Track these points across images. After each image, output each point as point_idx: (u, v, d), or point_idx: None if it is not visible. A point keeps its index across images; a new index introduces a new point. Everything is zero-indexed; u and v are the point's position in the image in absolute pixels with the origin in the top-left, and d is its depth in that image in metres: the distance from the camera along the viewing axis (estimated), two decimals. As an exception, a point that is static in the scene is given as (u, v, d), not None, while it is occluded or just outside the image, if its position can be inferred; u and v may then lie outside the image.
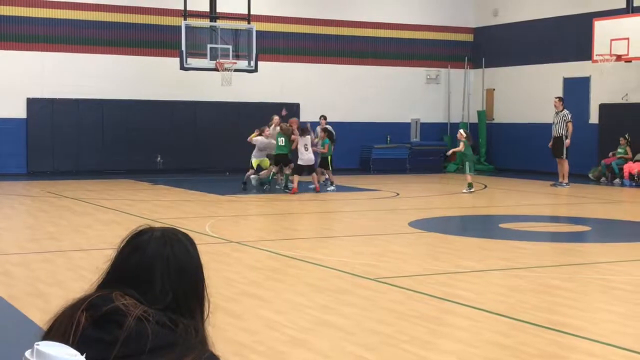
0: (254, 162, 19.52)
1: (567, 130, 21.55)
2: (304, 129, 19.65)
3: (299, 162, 19.29)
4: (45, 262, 10.09)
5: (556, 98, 22.28)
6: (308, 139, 19.50)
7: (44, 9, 23.57)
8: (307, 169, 19.56)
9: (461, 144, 20.13)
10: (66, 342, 1.98)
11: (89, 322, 2.00)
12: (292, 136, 19.22)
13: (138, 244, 2.16)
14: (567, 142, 21.48)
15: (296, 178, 19.30)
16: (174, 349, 2.00)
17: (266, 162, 19.67)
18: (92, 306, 2.03)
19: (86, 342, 1.98)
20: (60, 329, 2.02)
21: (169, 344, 2.00)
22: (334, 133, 20.58)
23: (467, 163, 20.17)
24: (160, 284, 2.10)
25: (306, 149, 19.30)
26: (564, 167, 21.61)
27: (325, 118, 21.35)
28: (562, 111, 21.74)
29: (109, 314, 2.00)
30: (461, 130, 20.66)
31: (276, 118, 20.08)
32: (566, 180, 21.51)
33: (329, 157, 20.03)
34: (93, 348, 1.97)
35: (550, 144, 22.00)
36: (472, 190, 19.76)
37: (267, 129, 19.69)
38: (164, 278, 2.11)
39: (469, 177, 19.93)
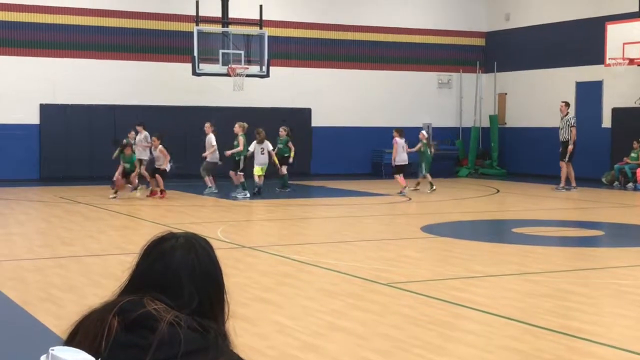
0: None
1: (570, 135, 21.45)
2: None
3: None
4: (58, 268, 10.11)
5: (562, 102, 22.14)
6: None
7: (56, 16, 23.68)
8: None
9: (419, 144, 21.04)
10: (97, 347, 1.99)
11: (120, 326, 2.01)
12: None
13: (163, 250, 2.17)
14: (570, 148, 21.37)
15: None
16: (207, 354, 2.02)
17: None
18: (123, 311, 2.03)
19: (119, 347, 1.99)
20: (89, 334, 2.03)
21: (201, 348, 2.02)
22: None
23: (422, 164, 21.02)
24: (187, 290, 2.12)
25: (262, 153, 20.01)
26: (567, 170, 21.51)
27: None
28: (566, 115, 21.67)
29: (141, 319, 2.01)
30: (423, 132, 21.53)
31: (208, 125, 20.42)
32: (563, 184, 21.43)
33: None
34: (126, 353, 1.99)
35: (560, 149, 21.93)
36: (434, 188, 20.75)
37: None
38: (190, 285, 2.14)
39: (428, 177, 20.86)
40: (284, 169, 20.91)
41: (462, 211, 17.29)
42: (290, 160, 20.94)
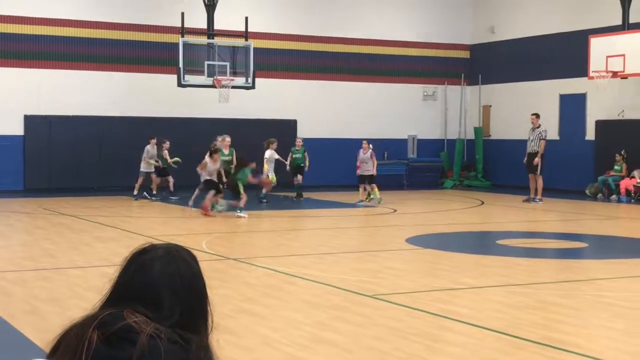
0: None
1: (539, 148, 21.53)
2: None
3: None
4: (41, 280, 10.06)
5: (533, 115, 22.24)
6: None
7: (40, 27, 23.61)
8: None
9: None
10: None
11: (100, 340, 2.00)
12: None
13: (143, 262, 2.16)
14: (536, 159, 21.45)
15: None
16: None
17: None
18: (103, 324, 2.02)
19: None
20: (70, 348, 2.01)
21: None
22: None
23: None
24: (168, 302, 2.11)
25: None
26: (539, 183, 21.66)
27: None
28: (538, 128, 21.78)
29: (121, 332, 2.00)
30: (369, 144, 21.79)
31: (221, 139, 20.04)
32: (540, 197, 21.55)
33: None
34: None
35: (525, 159, 22.05)
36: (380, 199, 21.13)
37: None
38: (171, 297, 2.12)
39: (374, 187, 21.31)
40: (299, 178, 21.97)
41: (447, 223, 17.33)
42: (306, 169, 22.13)
